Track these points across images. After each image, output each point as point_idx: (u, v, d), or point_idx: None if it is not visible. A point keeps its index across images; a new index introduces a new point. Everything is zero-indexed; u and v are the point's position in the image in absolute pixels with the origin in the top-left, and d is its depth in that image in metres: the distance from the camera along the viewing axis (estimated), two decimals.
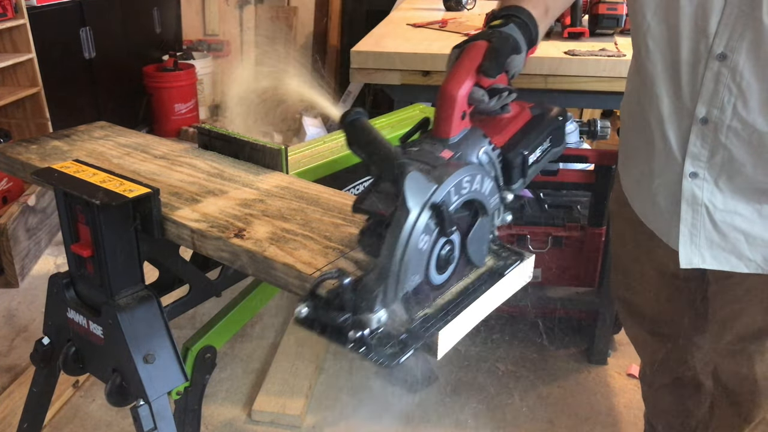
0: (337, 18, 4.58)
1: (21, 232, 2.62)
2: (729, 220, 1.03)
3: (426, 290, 0.70)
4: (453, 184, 0.68)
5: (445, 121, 0.76)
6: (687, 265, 1.09)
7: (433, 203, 0.65)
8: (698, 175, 1.02)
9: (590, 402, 1.98)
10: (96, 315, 0.99)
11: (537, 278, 2.13)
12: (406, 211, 0.63)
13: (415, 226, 0.63)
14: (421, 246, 0.65)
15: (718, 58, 0.93)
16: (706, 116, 0.97)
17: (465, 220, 0.74)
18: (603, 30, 2.03)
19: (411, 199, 0.63)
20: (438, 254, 0.70)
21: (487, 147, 0.79)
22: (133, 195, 0.87)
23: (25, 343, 2.24)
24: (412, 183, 0.64)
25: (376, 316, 0.63)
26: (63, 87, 3.44)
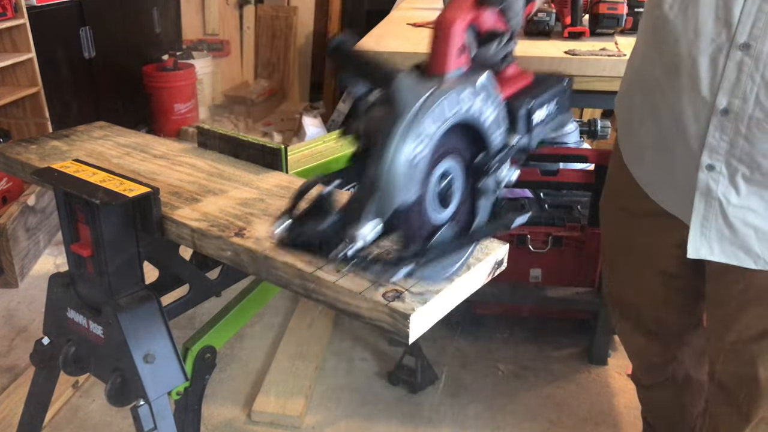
0: (337, 18, 4.58)
1: (21, 232, 2.62)
2: (741, 216, 1.03)
3: (427, 225, 0.67)
4: (448, 95, 0.62)
5: (441, 54, 0.68)
6: (694, 255, 1.08)
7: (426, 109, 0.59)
8: (714, 168, 1.01)
9: (590, 402, 1.98)
10: (96, 315, 0.99)
11: (537, 278, 2.13)
12: (397, 113, 0.58)
13: (408, 132, 0.58)
14: (415, 153, 0.59)
15: (741, 47, 0.92)
16: (728, 107, 0.96)
17: (466, 151, 0.70)
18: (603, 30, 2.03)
19: (402, 102, 0.58)
20: (436, 183, 0.66)
21: (487, 76, 0.72)
22: (133, 194, 0.87)
23: (25, 343, 2.24)
24: (405, 85, 0.59)
25: (367, 228, 0.59)
26: (63, 87, 3.44)
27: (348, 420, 1.90)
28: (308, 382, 2.00)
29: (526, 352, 2.19)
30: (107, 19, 3.86)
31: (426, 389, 2.01)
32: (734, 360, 1.18)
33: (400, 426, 1.88)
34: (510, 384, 2.05)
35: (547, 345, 2.22)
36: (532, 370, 2.11)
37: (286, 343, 2.19)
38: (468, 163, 0.71)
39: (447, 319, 1.55)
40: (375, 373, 2.08)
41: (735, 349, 1.17)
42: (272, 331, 2.31)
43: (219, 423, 1.89)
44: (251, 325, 2.33)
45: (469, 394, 2.00)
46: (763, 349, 1.13)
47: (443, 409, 1.94)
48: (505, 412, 1.93)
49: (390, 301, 0.70)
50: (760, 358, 1.14)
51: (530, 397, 2.00)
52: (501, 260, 0.84)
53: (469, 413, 1.92)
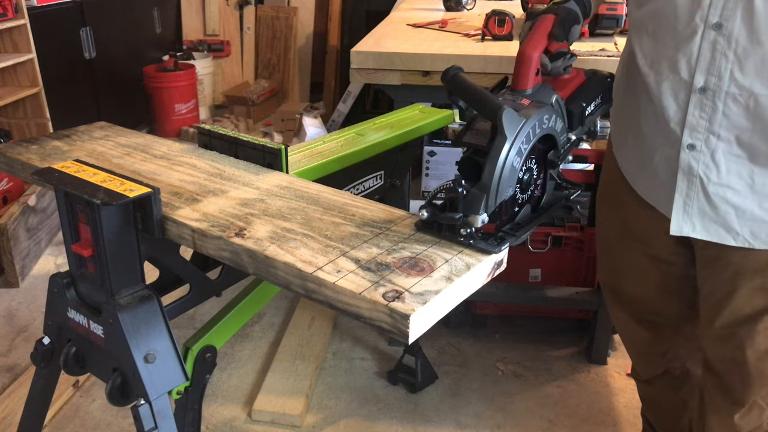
0: (337, 18, 4.58)
1: (21, 232, 2.62)
2: (721, 194, 1.07)
3: (515, 208, 0.95)
4: (536, 120, 0.91)
5: (524, 76, 0.98)
6: (677, 232, 1.13)
7: (522, 133, 0.87)
8: (695, 147, 1.06)
9: (590, 402, 1.98)
10: (96, 315, 0.99)
11: (537, 278, 2.14)
12: (503, 138, 0.85)
13: (510, 150, 0.86)
14: (515, 165, 0.87)
15: (714, 27, 0.98)
16: (705, 85, 1.02)
17: (542, 151, 0.97)
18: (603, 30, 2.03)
19: (507, 129, 0.85)
20: (521, 177, 0.92)
21: (557, 96, 1.00)
22: (134, 195, 0.87)
23: (25, 343, 2.24)
24: (508, 117, 0.85)
25: (481, 217, 0.84)
26: (63, 87, 3.44)
27: (348, 419, 1.90)
28: (308, 382, 2.00)
29: (526, 352, 2.19)
30: (108, 20, 3.86)
31: (426, 389, 2.01)
32: (723, 344, 1.20)
33: (400, 426, 1.88)
34: (510, 384, 2.05)
35: (547, 345, 2.22)
36: (532, 370, 2.11)
37: (286, 343, 2.20)
38: (543, 157, 0.99)
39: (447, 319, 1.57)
40: (375, 373, 2.09)
41: (723, 334, 1.19)
42: (272, 331, 2.31)
43: (219, 422, 1.89)
44: (251, 325, 2.33)
45: (469, 394, 2.00)
46: (751, 332, 1.15)
47: (443, 408, 1.94)
48: (505, 412, 1.93)
49: (390, 302, 0.70)
50: (748, 341, 1.16)
51: (530, 396, 2.00)
52: (501, 261, 0.85)
53: (469, 413, 1.93)
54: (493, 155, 0.84)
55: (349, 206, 0.93)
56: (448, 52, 1.92)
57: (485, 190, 0.84)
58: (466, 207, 0.84)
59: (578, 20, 1.06)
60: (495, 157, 0.84)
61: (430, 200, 0.86)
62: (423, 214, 0.85)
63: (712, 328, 1.21)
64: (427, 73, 1.91)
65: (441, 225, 0.85)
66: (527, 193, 0.96)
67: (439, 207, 0.85)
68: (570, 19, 1.04)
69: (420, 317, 0.70)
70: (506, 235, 0.89)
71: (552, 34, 1.02)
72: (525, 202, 0.96)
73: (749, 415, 1.23)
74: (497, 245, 0.83)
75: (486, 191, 0.84)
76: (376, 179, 1.48)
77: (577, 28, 1.07)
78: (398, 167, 1.54)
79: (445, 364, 2.12)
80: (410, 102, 1.75)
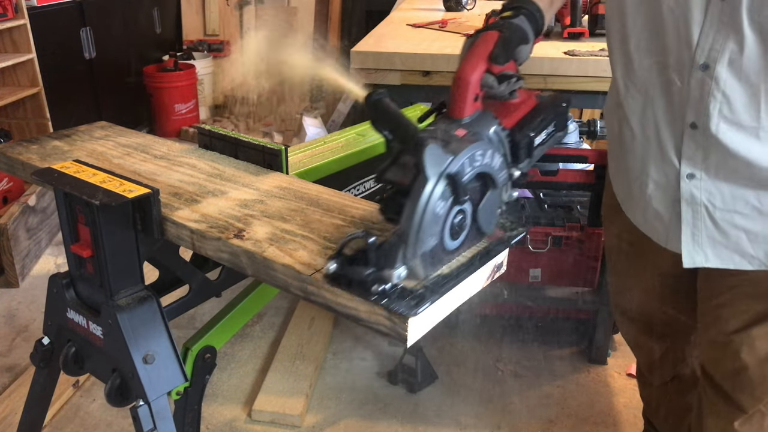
0: (337, 18, 4.58)
1: (21, 232, 2.62)
2: (729, 219, 1.04)
3: (441, 254, 0.77)
4: (467, 157, 0.75)
5: (460, 102, 0.84)
6: (690, 264, 1.09)
7: (449, 173, 0.72)
8: (695, 176, 1.04)
9: (590, 402, 1.98)
10: (96, 315, 0.99)
11: (537, 278, 2.13)
12: (424, 179, 0.70)
13: (432, 193, 0.71)
14: (438, 211, 0.72)
15: (701, 68, 0.96)
16: (695, 121, 1.00)
17: (477, 191, 0.81)
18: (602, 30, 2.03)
19: (429, 168, 0.70)
20: (452, 221, 0.76)
21: (497, 127, 0.86)
22: (133, 195, 0.87)
23: (25, 343, 2.24)
24: (430, 154, 0.71)
25: (397, 271, 0.70)
26: (63, 87, 3.44)
27: (348, 419, 1.90)
28: (308, 382, 2.00)
29: (526, 351, 2.19)
30: (108, 20, 3.86)
31: (426, 389, 2.01)
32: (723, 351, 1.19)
33: (400, 426, 1.88)
34: (510, 384, 2.05)
35: (547, 345, 2.22)
36: (532, 370, 2.11)
37: (286, 343, 2.20)
38: (478, 200, 0.81)
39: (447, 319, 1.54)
40: (375, 373, 2.09)
41: (723, 340, 1.18)
42: (272, 331, 2.31)
43: (219, 423, 1.89)
44: (251, 325, 2.33)
45: (469, 394, 2.00)
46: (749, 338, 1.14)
47: (443, 408, 1.94)
48: (505, 412, 1.93)
49: None
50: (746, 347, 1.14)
51: (530, 397, 2.00)
52: (500, 263, 0.85)
53: (469, 413, 1.93)
54: (412, 198, 0.70)
55: (349, 207, 0.93)
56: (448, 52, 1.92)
57: (403, 239, 0.70)
58: (379, 259, 0.71)
59: (526, 39, 0.94)
60: (415, 201, 0.70)
61: (340, 249, 0.74)
62: (329, 268, 0.73)
63: (712, 334, 1.20)
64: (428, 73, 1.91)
65: (351, 280, 0.72)
66: (459, 239, 0.80)
67: (348, 259, 0.73)
68: (516, 39, 0.91)
69: (418, 321, 0.70)
70: (428, 291, 0.73)
71: (492, 55, 0.86)
72: (457, 249, 0.80)
73: (750, 422, 1.21)
74: (414, 306, 0.69)
75: (404, 241, 0.70)
76: None
77: (526, 48, 0.94)
78: None
79: (445, 364, 2.12)
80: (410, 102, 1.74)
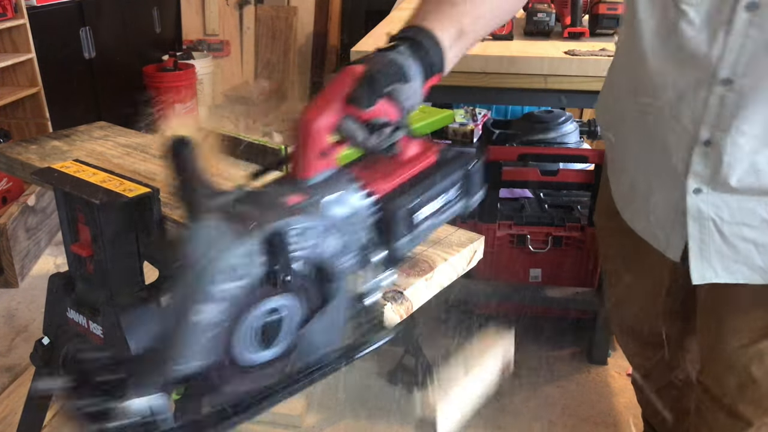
0: (337, 18, 4.58)
1: (21, 232, 2.62)
2: (737, 231, 1.01)
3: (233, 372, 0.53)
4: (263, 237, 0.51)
5: (300, 157, 0.61)
6: (700, 280, 1.05)
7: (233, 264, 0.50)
8: (702, 191, 1.00)
9: (590, 402, 1.98)
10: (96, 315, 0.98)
11: (537, 278, 2.13)
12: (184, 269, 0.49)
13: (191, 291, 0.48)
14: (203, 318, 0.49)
15: (723, 83, 0.91)
16: (710, 139, 0.95)
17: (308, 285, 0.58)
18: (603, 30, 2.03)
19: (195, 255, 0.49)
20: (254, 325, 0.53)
21: (357, 194, 0.62)
22: (133, 195, 0.87)
23: (25, 343, 2.24)
24: (203, 235, 0.49)
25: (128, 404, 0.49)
26: (63, 87, 3.44)
27: (348, 419, 1.90)
28: None
29: (526, 352, 2.19)
30: (107, 19, 3.86)
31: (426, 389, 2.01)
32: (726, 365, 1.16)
33: (400, 426, 1.88)
34: (510, 384, 2.05)
35: (547, 345, 2.22)
36: (532, 370, 2.11)
37: None
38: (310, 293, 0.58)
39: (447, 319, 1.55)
40: (375, 373, 2.08)
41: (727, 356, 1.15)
42: None
43: None
44: None
45: None
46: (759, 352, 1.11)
47: None
48: (505, 412, 1.93)
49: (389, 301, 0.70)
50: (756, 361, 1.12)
51: (530, 397, 2.00)
52: None
53: None
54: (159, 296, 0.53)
55: None
56: None
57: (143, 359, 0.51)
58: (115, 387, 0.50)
59: (403, 77, 0.69)
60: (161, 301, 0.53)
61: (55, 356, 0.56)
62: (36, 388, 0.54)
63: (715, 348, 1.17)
64: None
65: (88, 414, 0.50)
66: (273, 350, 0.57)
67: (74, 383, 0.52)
68: (385, 76, 0.66)
69: None
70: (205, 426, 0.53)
71: (350, 96, 0.63)
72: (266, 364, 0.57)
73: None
74: None
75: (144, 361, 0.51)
76: None
77: (408, 88, 0.68)
78: None
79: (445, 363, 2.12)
80: None
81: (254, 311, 0.52)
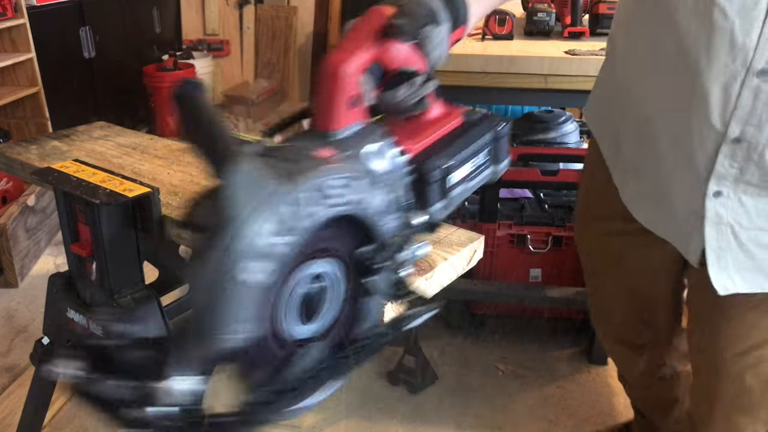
0: (337, 18, 4.58)
1: (21, 232, 2.62)
2: (754, 237, 0.98)
3: (276, 348, 0.48)
4: (314, 187, 0.46)
5: (327, 107, 0.55)
6: (724, 291, 1.01)
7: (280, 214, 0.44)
8: (722, 194, 0.96)
9: (590, 402, 1.98)
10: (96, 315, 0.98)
11: (537, 278, 2.13)
12: (228, 221, 0.42)
13: (238, 246, 0.42)
14: (253, 279, 0.43)
15: (758, 74, 0.87)
16: (740, 136, 0.91)
17: (346, 243, 0.52)
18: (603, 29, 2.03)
19: (242, 201, 0.42)
20: (299, 293, 0.49)
21: (392, 150, 0.58)
22: (133, 195, 0.87)
23: (24, 343, 2.23)
24: (243, 180, 0.43)
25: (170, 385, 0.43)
26: (63, 87, 3.44)
27: (348, 420, 1.90)
28: None
29: (526, 352, 2.19)
30: (107, 19, 3.86)
31: (426, 389, 2.01)
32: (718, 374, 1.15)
33: (400, 426, 1.88)
34: (510, 384, 2.05)
35: (547, 345, 2.22)
36: (532, 370, 2.11)
37: None
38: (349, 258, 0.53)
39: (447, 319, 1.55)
40: (375, 373, 2.08)
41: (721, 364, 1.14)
42: None
43: None
44: None
45: (469, 394, 2.00)
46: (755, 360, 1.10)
47: (443, 409, 1.94)
48: (505, 412, 1.93)
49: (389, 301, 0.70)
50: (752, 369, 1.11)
51: (530, 397, 2.00)
52: None
53: (469, 413, 1.92)
54: (201, 258, 0.42)
55: None
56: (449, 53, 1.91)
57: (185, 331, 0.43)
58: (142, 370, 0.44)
59: (435, 19, 0.63)
60: (207, 261, 0.42)
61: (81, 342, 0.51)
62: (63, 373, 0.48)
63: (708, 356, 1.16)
64: None
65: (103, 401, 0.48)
66: (315, 323, 0.52)
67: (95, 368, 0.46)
68: (421, 12, 0.61)
69: None
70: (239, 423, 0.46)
71: (390, 28, 0.58)
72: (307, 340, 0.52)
73: None
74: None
75: (186, 334, 0.43)
76: None
77: (437, 33, 0.62)
78: None
79: (445, 364, 2.12)
80: None
81: (299, 275, 0.47)
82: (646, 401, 1.58)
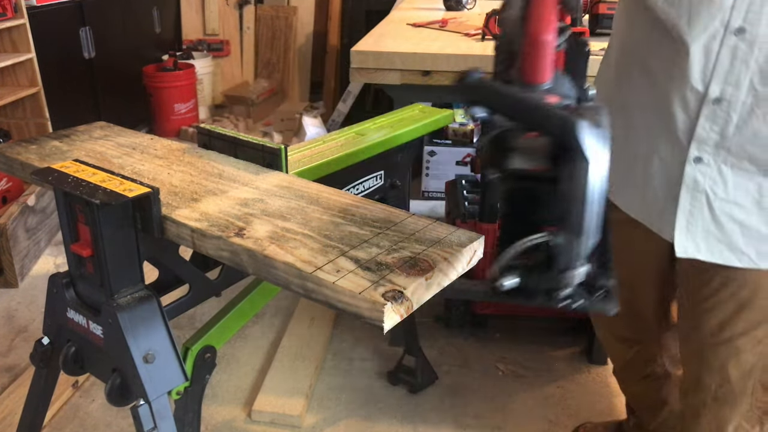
0: (337, 18, 4.58)
1: (21, 232, 2.62)
2: (728, 210, 1.01)
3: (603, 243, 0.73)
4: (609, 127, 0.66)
5: (539, 65, 0.73)
6: (683, 253, 1.06)
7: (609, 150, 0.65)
8: (702, 160, 1.00)
9: (591, 402, 1.98)
10: (96, 315, 0.99)
11: None
12: (585, 163, 0.63)
13: (592, 175, 0.63)
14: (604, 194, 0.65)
15: (736, 32, 0.91)
16: (720, 95, 0.95)
17: None
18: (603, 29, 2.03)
19: (590, 149, 0.63)
20: None
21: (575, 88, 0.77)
22: (133, 194, 0.87)
23: (25, 343, 2.24)
24: (589, 133, 0.63)
25: (579, 271, 0.67)
26: (63, 87, 3.44)
27: (348, 420, 1.90)
28: (308, 382, 2.00)
29: (526, 352, 2.19)
30: (107, 19, 3.86)
31: (426, 389, 2.01)
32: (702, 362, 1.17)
33: (400, 426, 1.88)
34: (510, 384, 2.05)
35: (547, 345, 2.22)
36: (532, 370, 2.11)
37: (286, 343, 2.19)
38: None
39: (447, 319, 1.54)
40: (375, 373, 2.08)
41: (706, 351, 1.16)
42: (272, 331, 2.31)
43: (219, 423, 1.89)
44: (251, 325, 2.33)
45: (469, 394, 2.00)
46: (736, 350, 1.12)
47: (443, 409, 1.94)
48: (505, 413, 1.93)
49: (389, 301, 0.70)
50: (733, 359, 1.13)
51: (530, 397, 2.00)
52: None
53: (469, 413, 1.92)
54: (577, 186, 0.64)
55: (348, 206, 0.93)
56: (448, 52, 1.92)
57: (577, 233, 0.65)
58: (559, 263, 0.67)
59: None
60: (581, 189, 0.63)
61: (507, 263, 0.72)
62: (503, 284, 0.72)
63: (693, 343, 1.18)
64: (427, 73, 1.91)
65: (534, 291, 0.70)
66: None
67: (527, 269, 0.70)
68: None
69: None
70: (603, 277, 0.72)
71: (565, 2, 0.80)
72: None
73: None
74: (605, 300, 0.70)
75: (578, 235, 0.65)
76: (376, 179, 1.47)
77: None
78: (398, 167, 1.54)
79: (445, 364, 2.12)
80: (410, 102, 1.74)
81: None
82: (635, 398, 1.60)
